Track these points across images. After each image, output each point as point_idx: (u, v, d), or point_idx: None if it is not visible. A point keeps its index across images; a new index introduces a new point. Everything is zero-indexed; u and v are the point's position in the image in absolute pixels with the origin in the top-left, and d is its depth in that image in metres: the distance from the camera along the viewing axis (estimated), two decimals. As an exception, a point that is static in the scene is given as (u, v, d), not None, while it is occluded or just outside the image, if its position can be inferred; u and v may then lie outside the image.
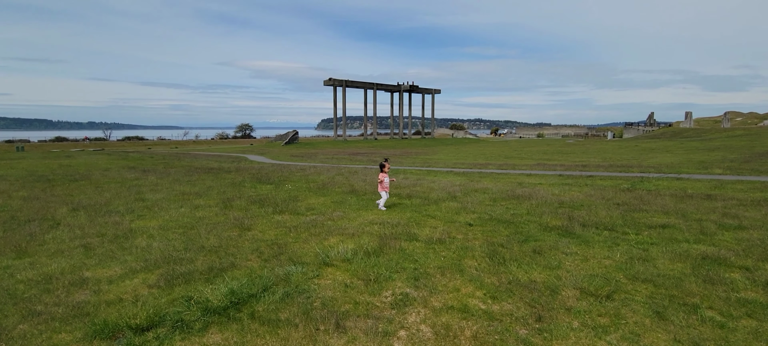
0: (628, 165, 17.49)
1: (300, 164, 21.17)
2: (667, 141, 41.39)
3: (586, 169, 15.91)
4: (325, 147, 46.55)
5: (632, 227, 5.82)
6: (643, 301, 3.45)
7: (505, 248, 4.96)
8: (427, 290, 3.72)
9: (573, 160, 24.34)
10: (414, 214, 7.16)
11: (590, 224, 6.00)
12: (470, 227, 6.09)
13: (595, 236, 5.44)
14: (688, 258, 4.44)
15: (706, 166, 14.97)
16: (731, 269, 4.13)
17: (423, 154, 34.42)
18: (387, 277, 4.04)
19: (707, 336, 2.87)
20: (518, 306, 3.40)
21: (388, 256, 4.69)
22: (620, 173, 14.14)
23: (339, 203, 8.38)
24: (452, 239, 5.39)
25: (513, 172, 15.85)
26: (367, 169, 17.54)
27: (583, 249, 4.88)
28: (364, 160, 25.54)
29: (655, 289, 3.69)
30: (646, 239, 5.23)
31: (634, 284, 3.82)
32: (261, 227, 6.32)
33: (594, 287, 3.70)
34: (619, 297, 3.53)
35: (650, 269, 4.16)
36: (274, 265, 4.45)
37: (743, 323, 3.07)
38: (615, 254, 4.64)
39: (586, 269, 4.23)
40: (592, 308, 3.33)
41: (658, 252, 4.68)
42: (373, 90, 63.55)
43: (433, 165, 21.24)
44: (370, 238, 5.46)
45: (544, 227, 5.99)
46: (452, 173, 15.99)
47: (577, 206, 7.44)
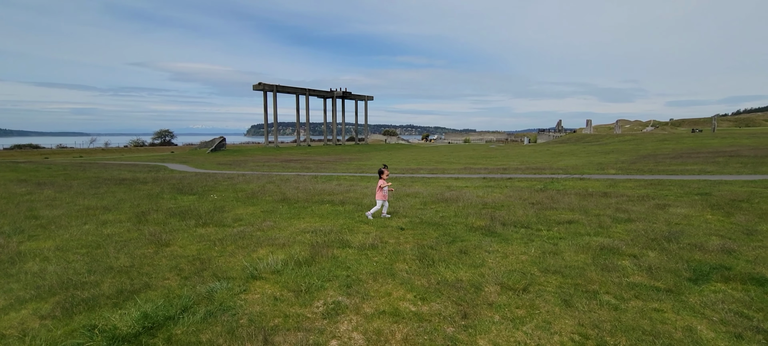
0: (541, 167, 19.28)
1: (227, 173, 20.01)
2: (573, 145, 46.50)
3: (507, 172, 17.21)
4: (256, 154, 44.57)
5: (544, 224, 6.41)
6: (553, 291, 3.82)
7: (435, 249, 5.17)
8: (360, 297, 3.73)
9: (495, 163, 26.18)
10: (347, 220, 7.15)
11: (509, 223, 6.50)
12: (402, 231, 6.24)
13: (513, 233, 5.91)
14: (590, 250, 5.01)
15: (603, 168, 17.09)
16: (623, 257, 4.74)
17: (357, 160, 34.56)
18: (319, 286, 3.98)
19: (604, 318, 3.26)
20: (446, 305, 3.55)
21: (321, 265, 4.62)
22: (535, 174, 15.53)
23: (269, 213, 8.07)
24: (384, 244, 5.48)
25: (442, 176, 16.59)
26: (300, 176, 17.14)
27: (504, 247, 5.27)
28: (297, 167, 24.93)
29: (563, 279, 4.11)
30: (555, 235, 5.80)
31: (546, 276, 4.21)
32: (181, 241, 5.85)
33: (512, 281, 4.01)
34: (533, 289, 3.87)
35: (559, 261, 4.62)
36: (195, 282, 4.13)
37: (632, 304, 3.53)
38: (530, 250, 5.08)
39: (506, 265, 4.56)
40: (511, 302, 3.61)
41: (565, 246, 5.21)
42: (306, 96, 62.45)
43: (366, 171, 21.41)
44: (302, 247, 5.34)
45: (469, 227, 6.35)
46: (385, 178, 16.25)
47: (498, 207, 8.01)
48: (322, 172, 20.74)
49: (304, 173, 19.33)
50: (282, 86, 58.85)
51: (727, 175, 12.73)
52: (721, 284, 3.87)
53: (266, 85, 56.45)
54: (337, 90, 67.50)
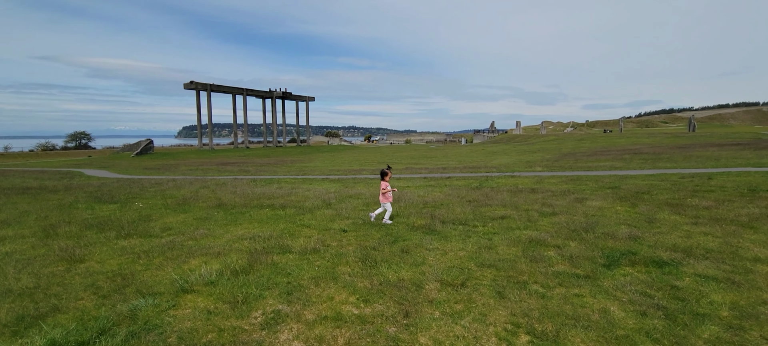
0: (477, 166, 20.32)
1: (156, 178, 18.47)
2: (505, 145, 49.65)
3: (446, 172, 17.88)
4: (189, 157, 41.67)
5: (480, 221, 6.76)
6: (488, 284, 4.03)
7: (377, 250, 5.21)
8: (301, 304, 3.64)
9: (435, 163, 27.09)
10: (288, 225, 6.94)
11: (448, 221, 6.75)
12: (345, 234, 6.20)
13: (452, 231, 6.14)
14: (520, 243, 5.37)
15: (531, 165, 18.45)
16: (548, 248, 5.15)
17: (299, 162, 33.76)
18: (257, 296, 3.81)
19: (533, 306, 3.51)
20: (388, 306, 3.59)
21: (259, 272, 4.43)
22: (471, 173, 16.32)
23: (203, 220, 7.58)
24: (327, 247, 5.40)
25: (385, 176, 16.80)
26: (238, 180, 16.34)
27: (443, 244, 5.46)
28: (235, 170, 23.74)
29: (497, 272, 4.35)
30: (490, 230, 6.13)
31: (482, 270, 4.44)
32: (99, 256, 5.28)
33: (451, 277, 4.17)
34: (470, 284, 4.05)
35: (493, 255, 4.90)
36: (115, 301, 3.75)
37: (557, 291, 3.85)
38: (467, 246, 5.32)
39: (445, 262, 4.73)
40: (450, 297, 3.74)
41: (499, 240, 5.54)
42: (243, 96, 59.74)
43: (308, 173, 21.01)
44: (239, 255, 5.08)
45: (411, 227, 6.50)
46: (328, 180, 16.09)
47: (438, 206, 8.29)
48: (261, 175, 19.96)
49: (242, 177, 18.45)
50: (217, 85, 55.71)
51: (632, 170, 14.40)
52: (629, 268, 4.36)
53: (199, 84, 53.08)
54: (276, 90, 65.43)
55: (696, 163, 15.54)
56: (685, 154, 19.93)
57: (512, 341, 2.98)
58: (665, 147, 26.91)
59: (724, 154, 18.85)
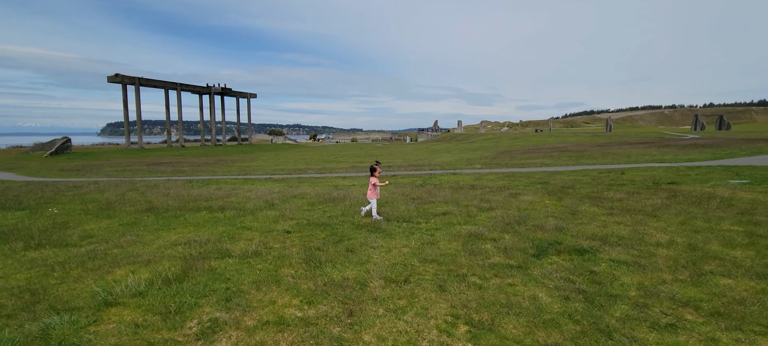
0: (421, 164, 20.87)
1: (74, 180, 16.65)
2: (447, 143, 51.55)
3: (391, 170, 18.15)
4: (115, 157, 38.08)
5: (423, 217, 6.96)
6: (430, 279, 4.17)
7: (322, 250, 5.16)
8: (241, 310, 3.50)
9: (382, 161, 27.38)
10: (228, 227, 6.63)
11: (393, 218, 6.87)
12: (288, 235, 6.06)
13: (396, 228, 6.26)
14: (460, 237, 5.62)
15: (471, 163, 19.35)
16: (485, 241, 5.44)
17: (240, 162, 32.31)
18: (192, 304, 3.60)
19: (471, 297, 3.70)
20: (333, 306, 3.58)
21: (195, 279, 4.19)
22: (415, 171, 16.73)
23: (131, 225, 6.99)
24: (269, 250, 5.25)
25: (330, 175, 16.64)
26: (172, 181, 15.25)
27: (388, 241, 5.55)
28: (168, 171, 22.14)
29: (439, 267, 4.52)
30: (432, 226, 6.35)
31: (424, 265, 4.58)
32: (2, 271, 4.65)
33: (395, 274, 4.26)
34: (414, 279, 4.17)
35: (435, 250, 5.08)
36: (23, 320, 3.34)
37: (493, 282, 4.09)
38: (411, 242, 5.46)
39: (389, 259, 4.81)
40: (393, 294, 3.82)
41: (440, 236, 5.75)
42: (178, 91, 55.81)
43: (251, 173, 20.20)
44: (172, 262, 4.76)
45: (356, 225, 6.51)
46: (271, 179, 15.60)
47: (383, 203, 8.39)
48: (198, 175, 18.82)
49: (176, 178, 17.26)
50: (147, 79, 51.47)
51: (559, 166, 15.68)
52: (556, 257, 4.75)
53: (126, 77, 48.70)
54: (215, 86, 61.96)
55: (612, 160, 17.29)
56: (603, 152, 22.09)
57: (452, 332, 3.12)
58: (587, 145, 29.64)
59: (635, 151, 21.20)
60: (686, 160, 15.06)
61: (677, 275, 4.06)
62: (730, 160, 14.38)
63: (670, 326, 3.09)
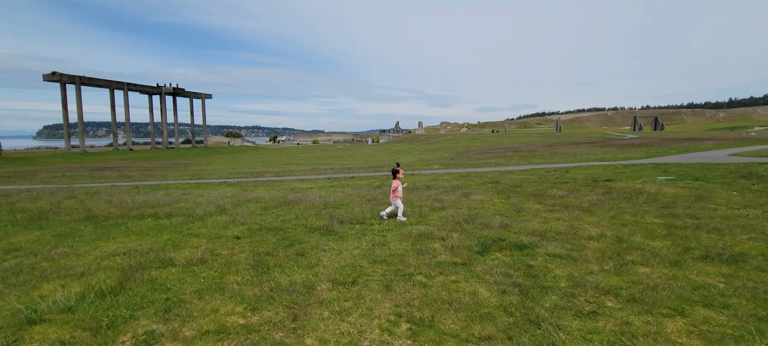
0: (380, 165, 21.05)
1: (3, 189, 15.21)
2: (408, 144, 52.28)
3: (351, 171, 18.16)
4: (52, 162, 35.17)
5: (377, 219, 7.05)
6: (378, 279, 4.26)
7: (271, 255, 5.10)
8: (180, 321, 3.40)
9: (342, 163, 27.29)
10: (173, 235, 6.37)
11: (347, 221, 6.91)
12: (238, 240, 5.93)
13: (349, 230, 6.31)
14: (410, 237, 5.76)
15: (430, 163, 19.78)
16: (434, 240, 5.62)
17: (194, 165, 31.02)
18: (128, 317, 3.45)
19: (416, 296, 3.82)
20: (277, 311, 3.57)
21: (132, 291, 4.01)
22: (375, 172, 16.86)
23: (64, 236, 6.53)
24: (216, 257, 5.11)
25: (288, 178, 16.38)
26: (116, 187, 14.36)
27: (339, 244, 5.58)
28: (114, 176, 20.81)
29: (387, 267, 4.62)
30: (385, 227, 6.45)
31: (373, 266, 4.66)
32: None
33: (343, 276, 4.30)
34: (361, 281, 4.23)
35: (385, 251, 5.17)
36: (-71, 345, 3.05)
37: (437, 279, 4.24)
38: (362, 244, 5.52)
39: (339, 261, 4.85)
40: (340, 296, 3.86)
41: (392, 236, 5.86)
42: (124, 90, 52.54)
43: (204, 177, 19.44)
44: (108, 273, 4.52)
45: (309, 229, 6.49)
46: (225, 184, 15.10)
47: (338, 206, 8.41)
48: (147, 180, 17.84)
49: (122, 183, 16.26)
50: (89, 78, 48.06)
51: (511, 166, 16.41)
52: (498, 253, 5.00)
53: (65, 76, 45.18)
54: (167, 86, 58.95)
55: (560, 159, 18.34)
56: (552, 152, 23.36)
57: (393, 330, 3.22)
58: (538, 145, 31.21)
59: (580, 151, 22.60)
60: (623, 159, 16.27)
61: (603, 265, 4.42)
62: (661, 159, 15.72)
63: (592, 313, 3.37)
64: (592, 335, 3.03)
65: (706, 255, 4.56)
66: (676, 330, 3.07)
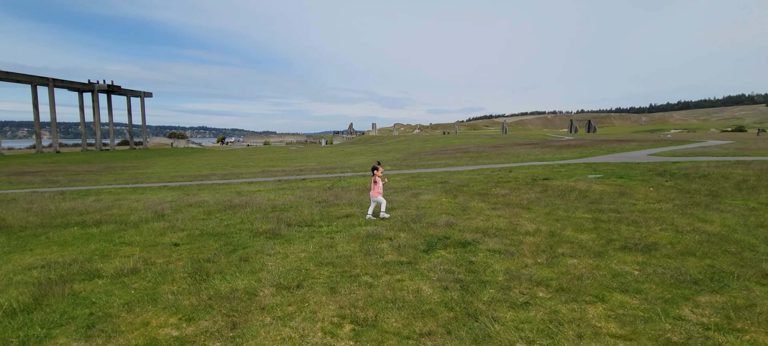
0: (333, 167, 20.89)
1: None
2: (362, 146, 52.38)
3: (303, 173, 17.84)
4: (-46, 167, 31.01)
5: (326, 220, 7.00)
6: (323, 282, 4.22)
7: (212, 262, 4.88)
8: (105, 337, 3.15)
9: (294, 165, 26.74)
10: (102, 244, 5.89)
11: (295, 223, 6.79)
12: (176, 248, 5.61)
13: (297, 233, 6.20)
14: (359, 238, 5.78)
15: (382, 165, 19.97)
16: (382, 240, 5.68)
17: (132, 169, 28.87)
18: (43, 336, 3.14)
19: (360, 296, 3.84)
20: (216, 320, 3.42)
21: (50, 307, 3.65)
22: (327, 174, 16.70)
23: (-31, 250, 5.79)
24: (150, 266, 4.80)
25: (236, 181, 15.76)
26: (38, 193, 12.98)
27: (286, 247, 5.46)
28: (37, 181, 18.81)
29: (334, 269, 4.59)
30: (334, 229, 6.42)
31: (319, 269, 4.62)
32: None
33: (288, 280, 4.22)
34: (307, 284, 4.18)
35: (333, 253, 5.15)
36: None
37: (383, 279, 4.29)
38: (309, 247, 5.45)
39: (285, 265, 4.75)
40: (284, 301, 3.79)
41: (340, 238, 5.84)
42: (49, 87, 47.70)
43: (143, 181, 18.15)
44: (22, 289, 4.08)
45: (254, 233, 6.29)
46: (166, 188, 14.21)
47: (287, 208, 8.23)
48: (75, 185, 16.31)
49: (45, 189, 14.73)
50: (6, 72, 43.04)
51: (460, 166, 16.99)
52: (443, 251, 5.16)
53: (-29, 69, 40.13)
54: (100, 82, 54.29)
55: (505, 160, 19.28)
56: (498, 152, 24.52)
57: (336, 332, 3.21)
58: (486, 146, 32.61)
59: (523, 152, 23.93)
60: (560, 159, 17.46)
61: (537, 259, 4.72)
62: (592, 159, 17.06)
63: (524, 304, 3.59)
64: (524, 325, 3.23)
65: (625, 246, 5.03)
66: (596, 315, 3.36)
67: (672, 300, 3.55)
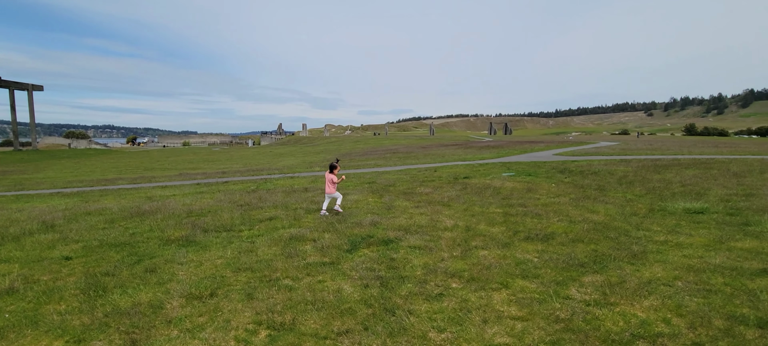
0: (260, 169, 20.06)
1: None
2: (292, 147, 51.02)
3: (226, 176, 16.86)
4: None
5: (247, 224, 6.71)
6: (240, 288, 4.05)
7: (111, 275, 4.40)
8: (-35, 369, 2.69)
9: (217, 167, 25.15)
10: (-32, 264, 4.98)
11: (212, 229, 6.39)
12: (67, 262, 4.95)
13: (214, 239, 5.85)
14: (281, 241, 5.63)
15: (310, 166, 19.64)
16: (306, 242, 5.60)
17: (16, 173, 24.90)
18: None
19: (279, 301, 3.75)
20: (112, 339, 3.10)
21: None
22: (253, 176, 15.99)
23: None
24: (32, 284, 4.18)
25: (147, 185, 14.37)
26: None
27: (200, 255, 5.13)
28: None
29: (252, 274, 4.42)
30: (255, 233, 6.17)
31: (237, 275, 4.42)
32: None
33: (200, 289, 3.97)
34: (221, 292, 3.97)
35: (252, 258, 4.95)
36: None
37: (304, 281, 4.23)
38: (227, 253, 5.18)
39: (198, 273, 4.46)
40: (194, 312, 3.56)
41: (261, 242, 5.64)
42: None
43: (29, 187, 15.75)
44: None
45: (165, 241, 5.80)
46: (60, 195, 12.49)
47: (205, 213, 7.72)
48: (-68, 195, 13.54)
49: None
50: None
51: (389, 166, 17.38)
52: (366, 249, 5.25)
53: None
54: (-33, 71, 45.73)
55: (431, 160, 20.14)
56: (425, 153, 25.54)
57: (251, 340, 3.10)
58: (414, 147, 33.78)
59: (448, 152, 25.24)
60: (480, 159, 18.73)
61: (453, 252, 5.02)
62: (507, 158, 18.58)
63: (439, 296, 3.80)
64: (437, 315, 3.42)
65: (528, 236, 5.57)
66: (500, 300, 3.67)
67: (563, 282, 4.02)
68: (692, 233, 5.55)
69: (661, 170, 11.67)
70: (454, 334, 3.12)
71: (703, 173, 11.00)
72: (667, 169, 11.97)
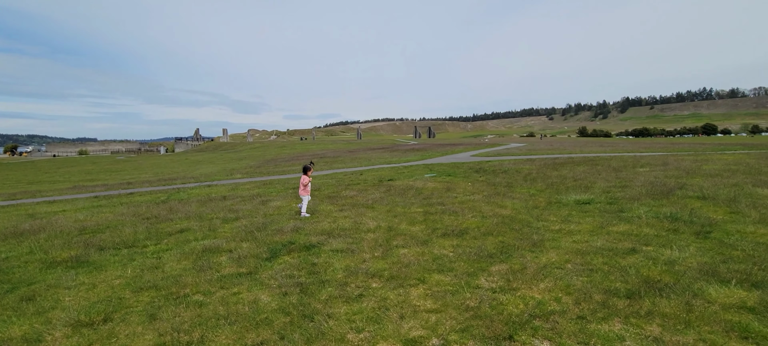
0: (173, 178, 18.42)
1: None
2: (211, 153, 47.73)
3: (131, 186, 15.19)
4: None
5: (154, 239, 6.11)
6: (141, 310, 3.67)
7: (-27, 310, 3.70)
8: None
9: (121, 178, 22.54)
10: None
11: (110, 246, 5.71)
12: None
13: (112, 257, 5.23)
14: (193, 254, 5.23)
15: (231, 173, 18.57)
16: (221, 253, 5.27)
17: None
18: None
19: (186, 319, 3.47)
20: (-31, 383, 2.60)
21: None
22: (164, 186, 14.61)
23: None
24: None
25: (30, 201, 12.36)
26: None
27: (94, 276, 4.55)
28: None
29: (157, 293, 4.03)
30: (163, 247, 5.65)
31: (137, 295, 3.99)
32: None
33: (91, 315, 3.52)
34: (118, 316, 3.56)
35: (158, 274, 4.52)
36: None
37: (217, 295, 3.97)
38: (127, 271, 4.67)
39: (89, 298, 3.95)
40: (82, 341, 3.14)
41: (169, 256, 5.18)
42: None
43: None
44: None
45: (48, 263, 5.04)
46: None
47: (101, 229, 6.87)
48: None
49: None
50: None
51: (316, 171, 17.11)
52: (287, 256, 5.10)
53: None
54: None
55: (358, 164, 20.29)
56: (353, 157, 25.67)
57: (152, 363, 2.83)
58: (342, 151, 33.75)
59: (374, 155, 25.66)
60: (405, 162, 19.35)
61: (374, 253, 5.10)
62: (430, 160, 19.46)
63: (359, 296, 3.83)
64: (356, 316, 3.45)
65: (445, 232, 5.89)
66: (417, 295, 3.82)
67: (473, 273, 4.32)
68: (581, 221, 6.33)
69: (558, 167, 13.14)
70: (372, 333, 3.17)
71: (590, 168, 12.62)
72: (563, 166, 13.52)
